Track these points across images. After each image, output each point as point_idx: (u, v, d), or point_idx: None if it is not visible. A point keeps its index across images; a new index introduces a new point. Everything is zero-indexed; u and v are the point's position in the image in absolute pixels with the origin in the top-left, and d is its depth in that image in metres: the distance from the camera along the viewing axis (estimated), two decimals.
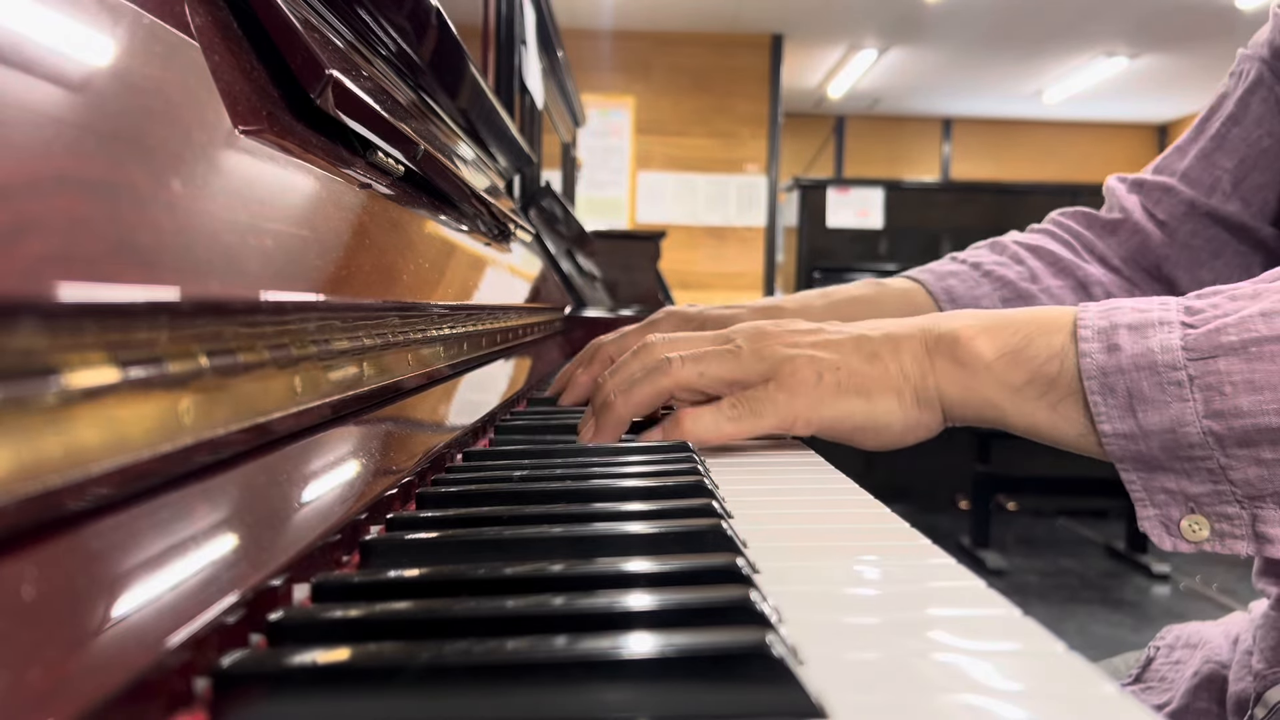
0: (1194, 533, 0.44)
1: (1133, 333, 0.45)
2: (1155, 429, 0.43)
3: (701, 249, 5.74)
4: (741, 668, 0.21)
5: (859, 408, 0.50)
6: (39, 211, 0.19)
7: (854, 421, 0.51)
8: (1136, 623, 2.70)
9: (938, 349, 0.50)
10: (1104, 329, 0.46)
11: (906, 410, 0.50)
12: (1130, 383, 0.44)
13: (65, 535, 0.19)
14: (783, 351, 0.51)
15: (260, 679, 0.22)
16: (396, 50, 0.65)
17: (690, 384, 0.53)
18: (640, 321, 0.80)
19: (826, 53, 6.37)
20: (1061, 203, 3.44)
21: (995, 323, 0.50)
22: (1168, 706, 0.68)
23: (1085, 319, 0.47)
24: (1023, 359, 0.48)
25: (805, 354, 0.51)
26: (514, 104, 1.68)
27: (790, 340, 0.52)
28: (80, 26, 0.25)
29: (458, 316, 0.60)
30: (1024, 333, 0.48)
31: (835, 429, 0.51)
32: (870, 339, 0.51)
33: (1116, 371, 0.44)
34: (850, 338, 0.52)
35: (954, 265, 0.82)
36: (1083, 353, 0.45)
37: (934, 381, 0.50)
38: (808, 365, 0.50)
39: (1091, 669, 0.24)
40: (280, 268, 0.32)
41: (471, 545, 0.33)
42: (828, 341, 0.52)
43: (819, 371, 0.50)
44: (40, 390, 0.18)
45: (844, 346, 0.51)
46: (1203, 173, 0.76)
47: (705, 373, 0.52)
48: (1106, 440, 0.44)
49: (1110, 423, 0.44)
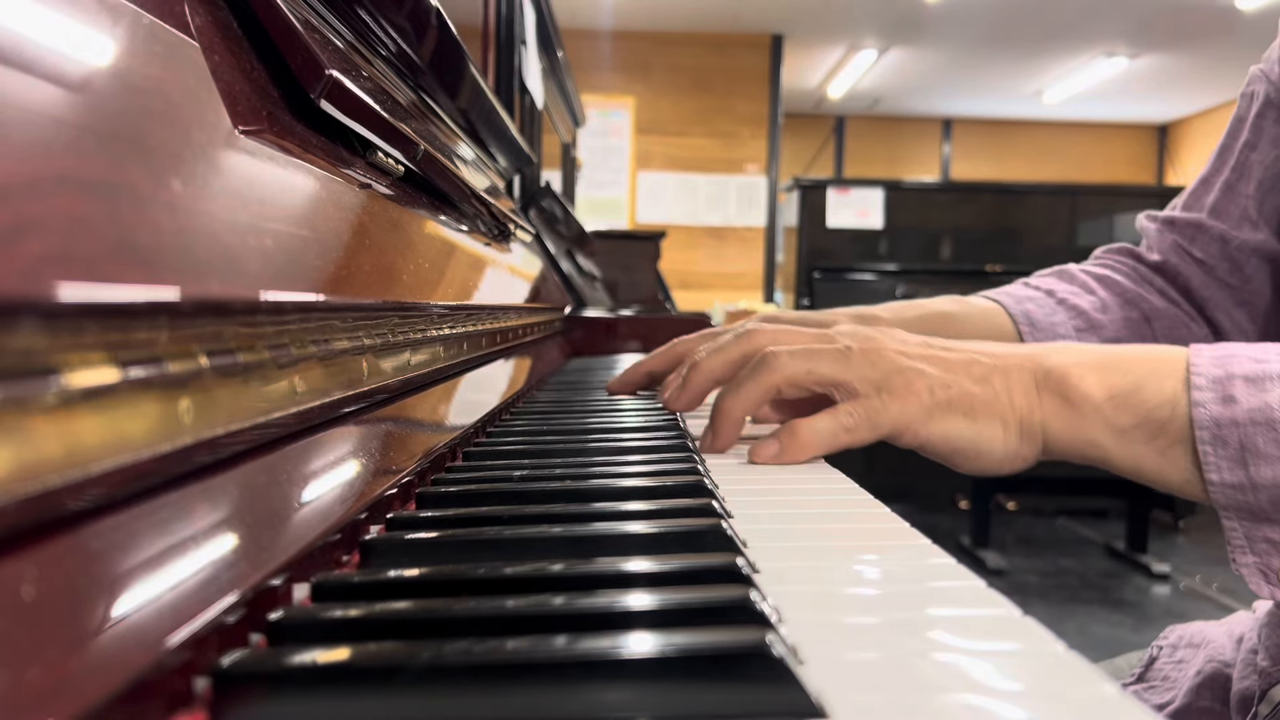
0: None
1: (1249, 385, 0.45)
2: (1266, 483, 0.43)
3: (701, 249, 5.74)
4: (741, 668, 0.21)
5: (965, 429, 0.50)
6: (39, 211, 0.19)
7: (958, 442, 0.50)
8: (1137, 623, 2.70)
9: (1046, 384, 0.50)
10: (1219, 379, 0.45)
11: (1009, 439, 0.50)
12: (1244, 436, 0.44)
13: (65, 535, 0.19)
14: (896, 360, 0.51)
15: (260, 679, 0.22)
16: (396, 50, 0.65)
17: (798, 380, 0.52)
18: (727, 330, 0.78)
19: (826, 53, 6.37)
20: (1061, 203, 3.47)
21: (1105, 362, 0.49)
22: (1170, 706, 0.68)
23: (1199, 366, 0.46)
24: (1133, 402, 0.47)
25: (917, 367, 0.50)
26: (514, 104, 1.68)
27: (901, 350, 0.51)
28: (80, 26, 0.25)
29: (458, 316, 0.60)
30: (1134, 375, 0.48)
31: (938, 446, 0.51)
32: (980, 363, 0.51)
33: (1231, 424, 0.44)
34: (961, 359, 0.51)
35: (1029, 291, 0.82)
36: (1196, 402, 0.45)
37: (1040, 416, 0.50)
38: (920, 378, 0.50)
39: (1092, 669, 0.24)
40: (280, 268, 0.32)
41: (471, 545, 0.33)
42: (938, 358, 0.51)
43: (930, 386, 0.50)
44: (40, 390, 0.18)
45: (955, 366, 0.51)
46: (1230, 205, 0.76)
47: (814, 370, 0.51)
48: (1213, 489, 0.45)
49: (1219, 473, 0.45)
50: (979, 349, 0.52)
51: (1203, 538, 3.64)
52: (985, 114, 8.02)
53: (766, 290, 5.69)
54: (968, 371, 0.50)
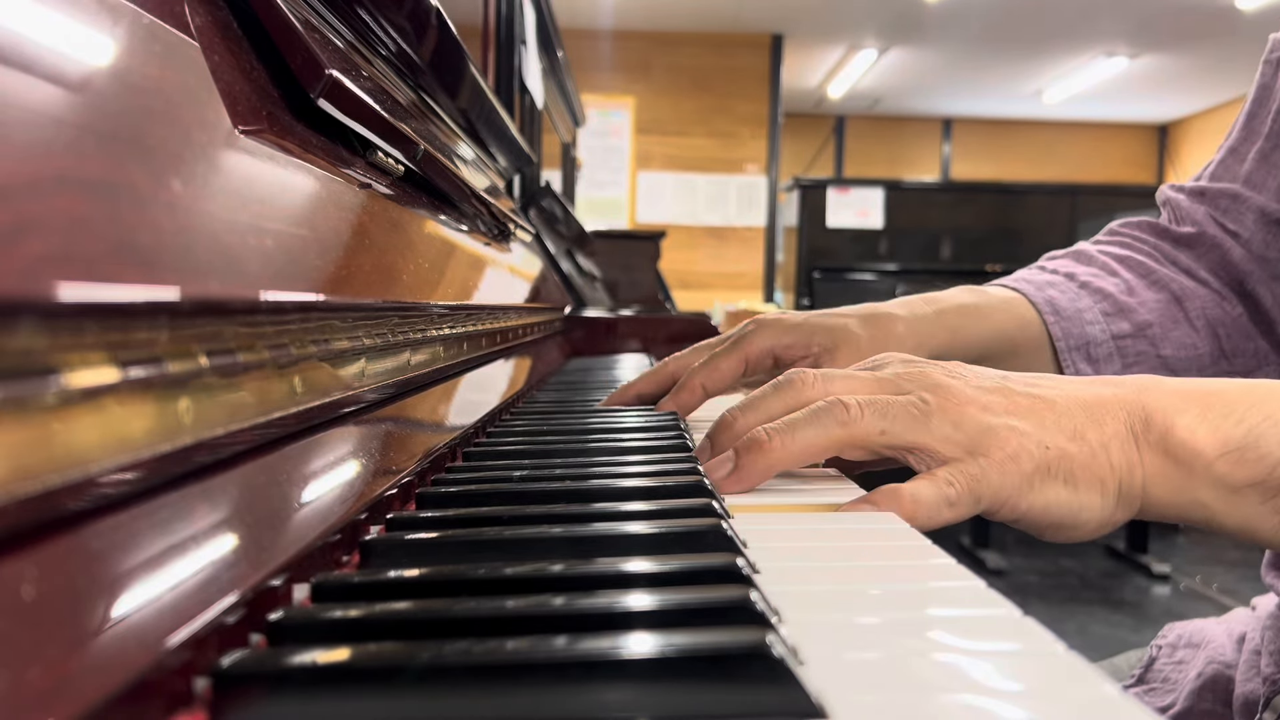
0: None
1: None
2: None
3: (701, 249, 5.74)
4: (741, 668, 0.21)
5: (1065, 500, 0.43)
6: (39, 211, 0.19)
7: (1055, 515, 0.43)
8: (1136, 623, 2.70)
9: (1146, 438, 0.43)
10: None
11: (1105, 506, 0.43)
12: None
13: (65, 535, 0.19)
14: (982, 420, 0.43)
15: (260, 679, 0.22)
16: (396, 50, 0.65)
17: (868, 442, 0.43)
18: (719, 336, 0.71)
19: (826, 53, 6.37)
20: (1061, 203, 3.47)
21: (1211, 407, 0.43)
22: (1172, 709, 0.68)
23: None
24: (1250, 458, 0.42)
25: (1005, 424, 0.43)
26: (514, 104, 1.68)
27: (983, 403, 0.44)
28: (80, 26, 0.25)
29: (457, 316, 0.60)
30: (1247, 423, 0.42)
31: (1036, 520, 0.43)
32: (1070, 412, 0.44)
33: None
34: (1044, 404, 0.44)
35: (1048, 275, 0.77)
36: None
37: (1141, 477, 0.43)
38: (1013, 438, 0.42)
39: (1092, 669, 0.24)
40: (280, 268, 0.31)
41: (471, 545, 0.33)
42: (1024, 408, 0.44)
43: (1027, 448, 0.42)
44: (40, 390, 0.18)
45: (1044, 419, 0.43)
46: (1266, 175, 0.72)
47: (889, 431, 0.43)
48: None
49: None
50: (1060, 389, 0.45)
51: (1203, 538, 3.64)
52: (985, 114, 8.02)
53: (766, 290, 5.69)
54: (1059, 426, 0.43)
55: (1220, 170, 0.76)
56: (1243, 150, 0.74)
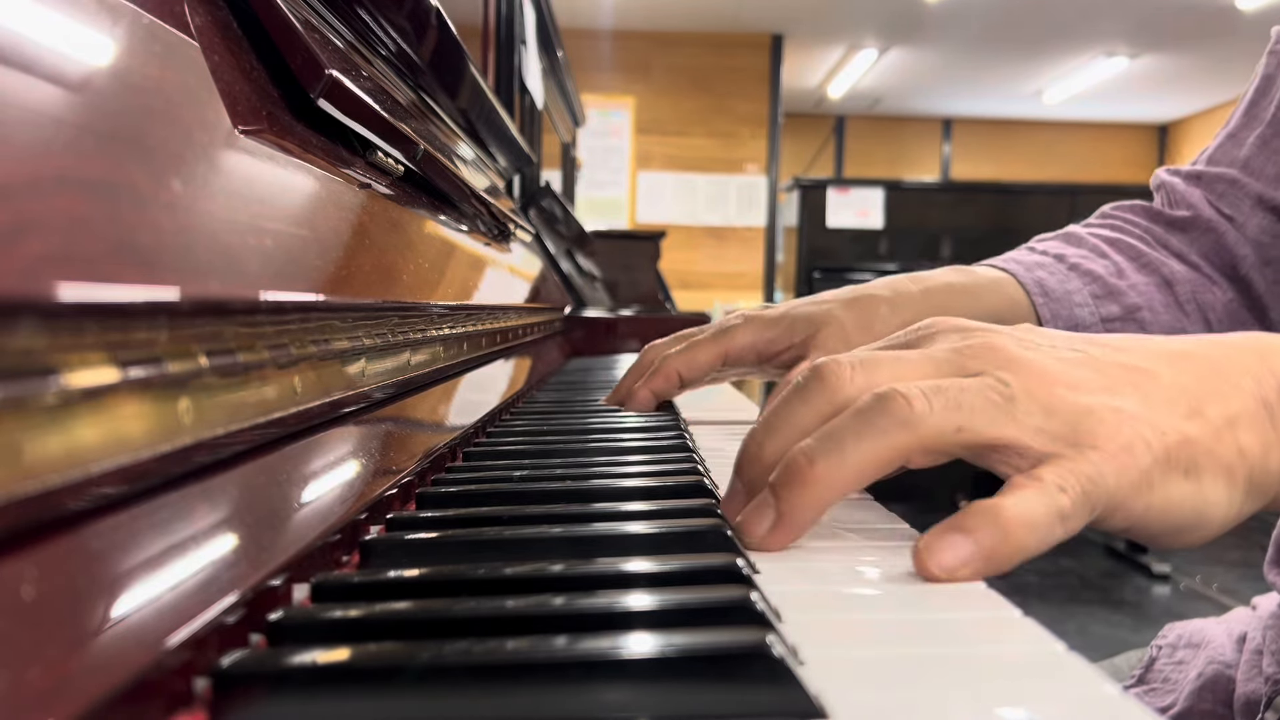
0: None
1: None
2: None
3: (701, 249, 5.74)
4: (741, 668, 0.21)
5: (1187, 496, 0.34)
6: (39, 211, 0.19)
7: (1177, 518, 0.34)
8: (1136, 623, 2.70)
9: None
10: None
11: (1233, 501, 0.34)
12: None
13: (65, 535, 0.19)
14: (1078, 401, 0.34)
15: (260, 679, 0.22)
16: (396, 50, 0.65)
17: (941, 444, 0.33)
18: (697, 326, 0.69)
19: (826, 53, 6.37)
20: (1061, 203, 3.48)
21: None
22: (1172, 709, 0.68)
23: None
24: None
25: (1108, 405, 0.34)
26: (514, 104, 1.68)
27: (1070, 378, 0.34)
28: (80, 26, 0.25)
29: (457, 316, 0.60)
30: None
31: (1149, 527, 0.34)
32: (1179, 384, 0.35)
33: None
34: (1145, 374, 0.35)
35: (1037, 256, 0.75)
36: None
37: (1278, 460, 0.35)
38: (1126, 426, 0.33)
39: (1092, 669, 0.24)
40: (280, 268, 0.32)
41: (471, 545, 0.33)
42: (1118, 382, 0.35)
43: (1143, 437, 0.33)
44: (40, 390, 0.18)
45: (1150, 395, 0.34)
46: (1266, 161, 0.71)
47: (967, 427, 0.33)
48: None
49: None
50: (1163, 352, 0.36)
51: None
52: (985, 114, 8.02)
53: (766, 290, 5.69)
54: (1171, 402, 0.34)
55: (1218, 155, 0.75)
56: (1242, 136, 0.73)
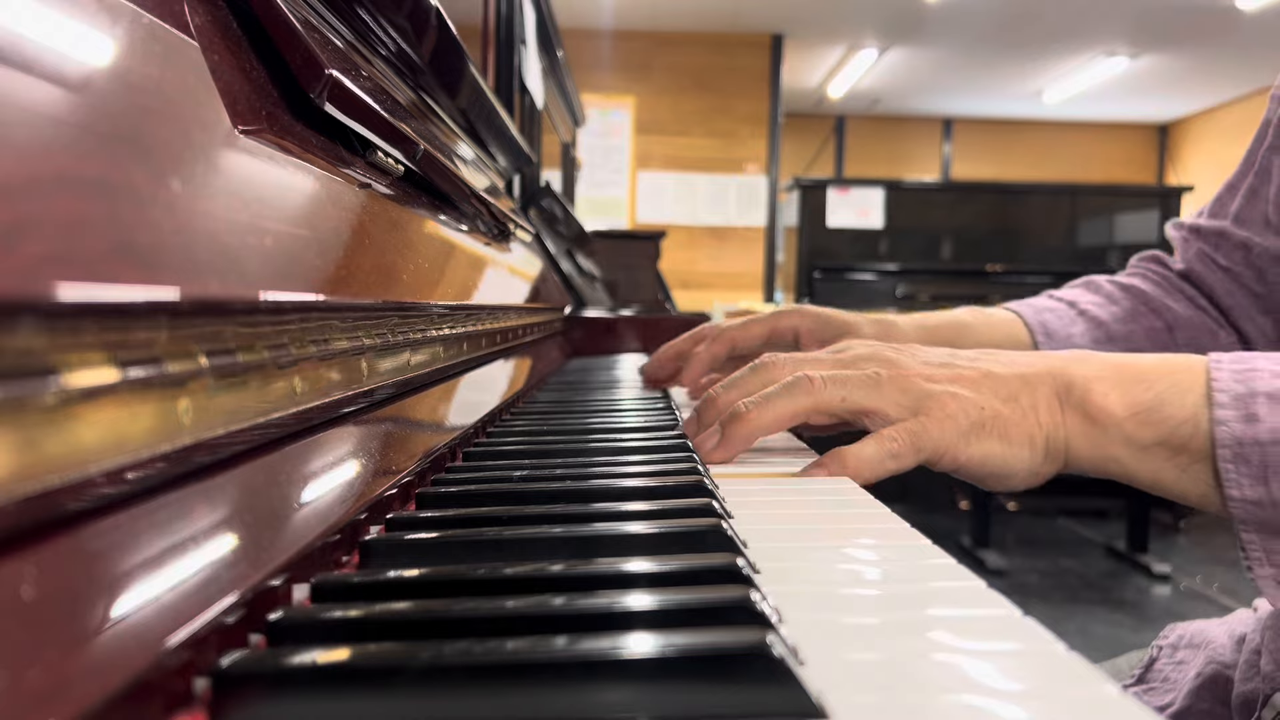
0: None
1: (1272, 402, 0.45)
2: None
3: (701, 249, 5.73)
4: (742, 668, 0.21)
5: (998, 450, 0.50)
6: (39, 211, 0.19)
7: (991, 465, 0.50)
8: (1137, 623, 2.70)
9: (1069, 400, 0.50)
10: (1241, 396, 0.45)
11: (1034, 458, 0.50)
12: (1265, 455, 0.44)
13: (65, 535, 0.19)
14: (925, 387, 0.50)
15: (260, 679, 0.22)
16: (396, 50, 0.65)
17: (830, 407, 0.51)
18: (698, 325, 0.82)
19: (826, 53, 6.37)
20: (1061, 203, 3.47)
21: (1125, 374, 0.49)
22: (1171, 708, 0.68)
23: (1220, 381, 0.46)
24: (1155, 419, 0.47)
25: (948, 390, 0.50)
26: (514, 104, 1.68)
27: (927, 374, 0.51)
28: (80, 26, 0.25)
29: (457, 316, 0.60)
30: (1155, 390, 0.48)
31: (972, 470, 0.50)
32: (1005, 380, 0.51)
33: (1253, 443, 0.44)
34: (984, 374, 0.51)
35: (1050, 302, 0.82)
36: (1218, 420, 0.45)
37: (1064, 434, 0.50)
38: (952, 401, 0.50)
39: (1092, 669, 0.24)
40: (280, 268, 0.31)
41: (471, 545, 0.33)
42: (963, 377, 0.51)
43: (964, 409, 0.50)
44: (40, 390, 0.18)
45: (982, 387, 0.51)
46: (1253, 211, 0.75)
47: (847, 399, 0.51)
48: (1233, 504, 0.45)
49: (1240, 489, 0.45)
50: (995, 362, 0.52)
51: (1203, 538, 3.64)
52: (985, 114, 8.02)
53: (767, 290, 5.69)
54: (995, 391, 0.50)
55: (1215, 207, 0.79)
56: (1237, 186, 0.77)
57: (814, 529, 0.39)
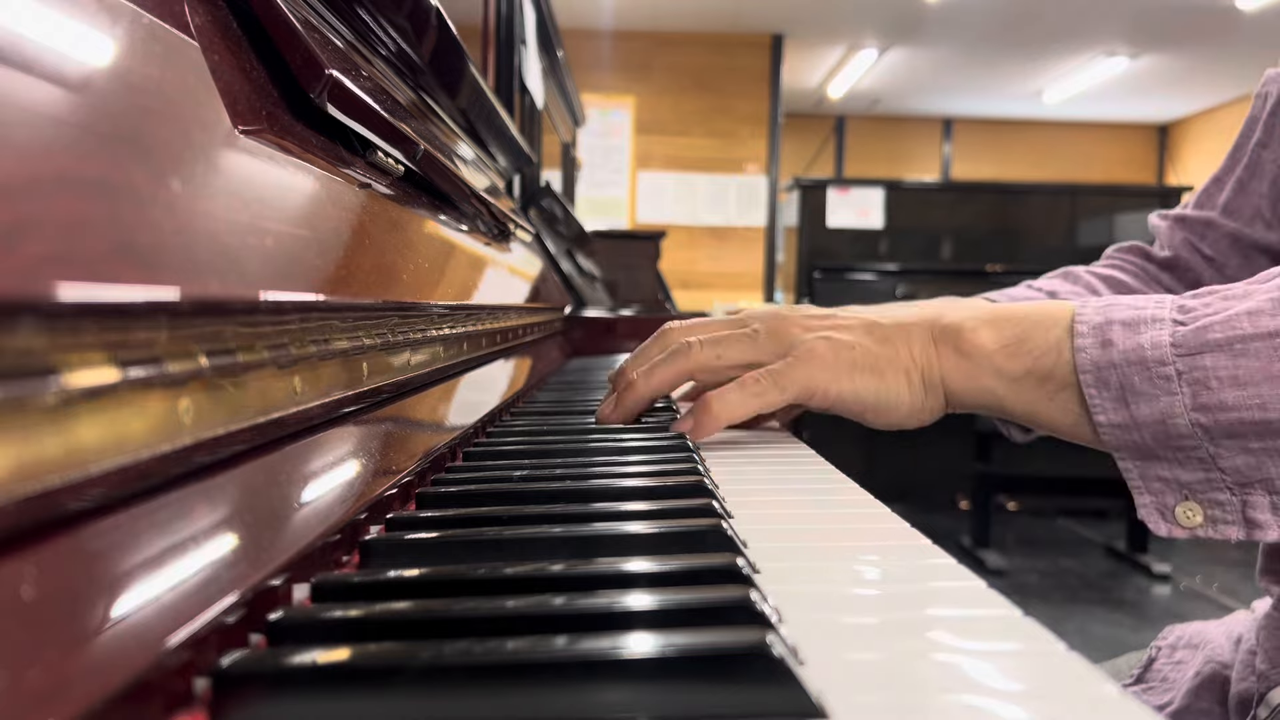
0: (1188, 519, 0.46)
1: (1126, 329, 0.47)
2: (1146, 420, 0.45)
3: (701, 249, 5.73)
4: (742, 668, 0.21)
5: (872, 385, 0.53)
6: (39, 211, 0.19)
7: (867, 399, 0.53)
8: (1137, 623, 2.70)
9: (943, 338, 0.53)
10: (1099, 325, 0.48)
11: (914, 393, 0.53)
12: (1122, 376, 0.46)
13: (65, 535, 0.19)
14: (799, 334, 0.54)
15: (260, 679, 0.22)
16: (396, 50, 0.65)
17: (708, 365, 0.56)
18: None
19: (826, 53, 6.37)
20: (1061, 203, 3.49)
21: (997, 315, 0.52)
22: (1169, 707, 0.68)
23: (1083, 315, 0.49)
24: (1021, 351, 0.50)
25: (821, 335, 0.54)
26: (514, 104, 1.68)
27: (805, 324, 0.55)
28: (80, 26, 0.25)
29: (457, 316, 0.60)
30: (1023, 326, 0.51)
31: (849, 405, 0.54)
32: (881, 324, 0.54)
33: (1109, 366, 0.47)
34: (862, 322, 0.55)
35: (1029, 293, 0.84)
36: (1078, 348, 0.48)
37: (939, 369, 0.53)
38: (823, 344, 0.53)
39: (1092, 669, 0.24)
40: (280, 268, 0.31)
41: (471, 545, 0.33)
42: (841, 324, 0.55)
43: (835, 349, 0.53)
44: (40, 390, 0.18)
45: (856, 330, 0.54)
46: (1242, 202, 0.76)
47: (723, 355, 0.55)
48: (1101, 429, 0.47)
49: (1105, 414, 0.47)
50: (879, 313, 0.56)
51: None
52: (985, 114, 8.01)
53: (767, 290, 5.68)
54: (869, 333, 0.54)
55: (1203, 198, 0.81)
56: (1224, 179, 0.78)
57: (814, 529, 0.39)
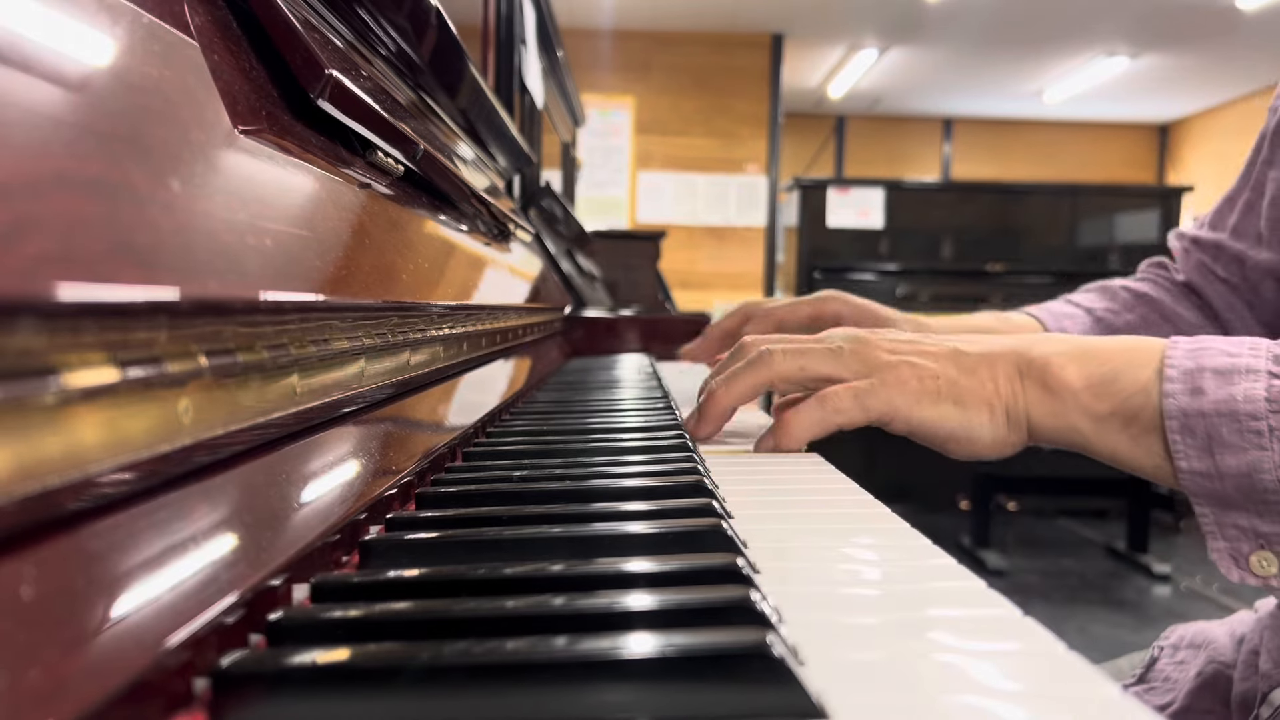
0: (1262, 568, 0.46)
1: (1218, 378, 0.46)
2: (1231, 471, 0.45)
3: (701, 249, 5.73)
4: (742, 668, 0.21)
5: (954, 415, 0.52)
6: (39, 211, 0.19)
7: (948, 428, 0.53)
8: (1137, 623, 2.70)
9: (1029, 373, 0.52)
10: (1190, 370, 0.47)
11: (996, 425, 0.52)
12: (1210, 427, 0.46)
13: (65, 535, 0.19)
14: (884, 357, 0.54)
15: (260, 679, 0.22)
16: (396, 50, 0.65)
17: (790, 377, 0.55)
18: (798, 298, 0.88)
19: (826, 53, 6.37)
20: (1061, 203, 3.49)
21: (1085, 351, 0.52)
22: (1171, 707, 0.68)
23: (1173, 358, 0.48)
24: (1109, 391, 0.50)
25: (906, 360, 0.53)
26: (514, 104, 1.68)
27: (890, 347, 0.54)
28: (80, 26, 0.25)
29: (457, 316, 0.60)
30: (1112, 364, 0.50)
31: (929, 433, 0.53)
32: (967, 354, 0.53)
33: (1198, 415, 0.46)
34: (947, 350, 0.54)
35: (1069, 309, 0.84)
36: (1166, 393, 0.47)
37: (1024, 404, 0.52)
38: (908, 369, 0.53)
39: (1092, 669, 0.24)
40: (279, 268, 0.31)
41: (471, 545, 0.33)
42: (926, 351, 0.54)
43: (919, 375, 0.53)
44: (40, 390, 0.18)
45: (942, 358, 0.53)
46: (1248, 224, 0.76)
47: (806, 368, 0.55)
48: (1182, 476, 0.47)
49: (1188, 461, 0.47)
50: (964, 341, 0.55)
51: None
52: (985, 114, 8.01)
53: (767, 290, 5.68)
54: (954, 363, 0.53)
55: (1215, 219, 0.81)
56: (1235, 199, 0.79)
57: (814, 529, 0.39)
